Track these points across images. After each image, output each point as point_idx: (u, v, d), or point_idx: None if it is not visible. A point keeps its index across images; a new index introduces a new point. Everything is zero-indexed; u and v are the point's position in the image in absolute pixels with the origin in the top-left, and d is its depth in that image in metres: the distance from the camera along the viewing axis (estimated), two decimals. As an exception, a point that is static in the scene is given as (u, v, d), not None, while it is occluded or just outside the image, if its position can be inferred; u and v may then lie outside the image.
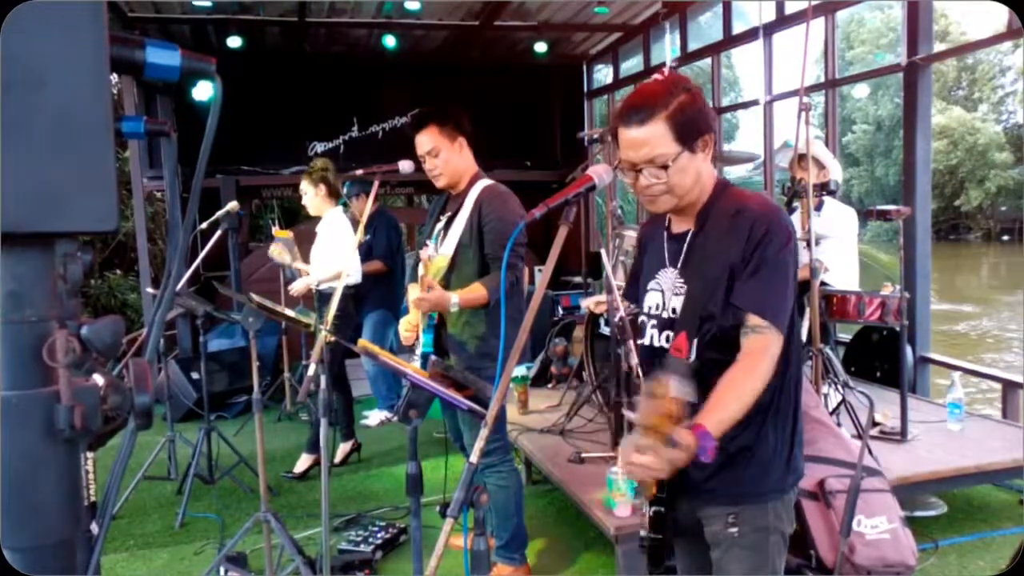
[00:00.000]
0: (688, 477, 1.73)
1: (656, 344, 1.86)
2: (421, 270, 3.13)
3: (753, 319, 1.68)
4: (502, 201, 3.11)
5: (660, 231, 1.92)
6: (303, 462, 4.87)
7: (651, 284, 1.90)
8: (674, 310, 1.82)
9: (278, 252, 5.19)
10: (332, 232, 4.84)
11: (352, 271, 4.78)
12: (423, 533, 2.22)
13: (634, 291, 2.01)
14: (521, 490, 3.30)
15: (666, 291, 1.86)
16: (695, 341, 1.73)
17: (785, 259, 1.71)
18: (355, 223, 4.96)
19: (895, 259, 4.16)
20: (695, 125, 1.71)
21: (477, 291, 3.02)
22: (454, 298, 3.00)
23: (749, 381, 1.66)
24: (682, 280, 1.82)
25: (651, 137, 1.70)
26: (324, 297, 4.82)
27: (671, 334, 1.80)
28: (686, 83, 1.76)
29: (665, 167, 1.70)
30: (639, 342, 1.94)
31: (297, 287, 4.97)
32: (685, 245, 1.83)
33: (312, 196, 4.85)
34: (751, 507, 1.80)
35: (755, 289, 1.69)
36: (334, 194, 4.90)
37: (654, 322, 1.88)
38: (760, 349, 1.68)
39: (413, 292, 3.02)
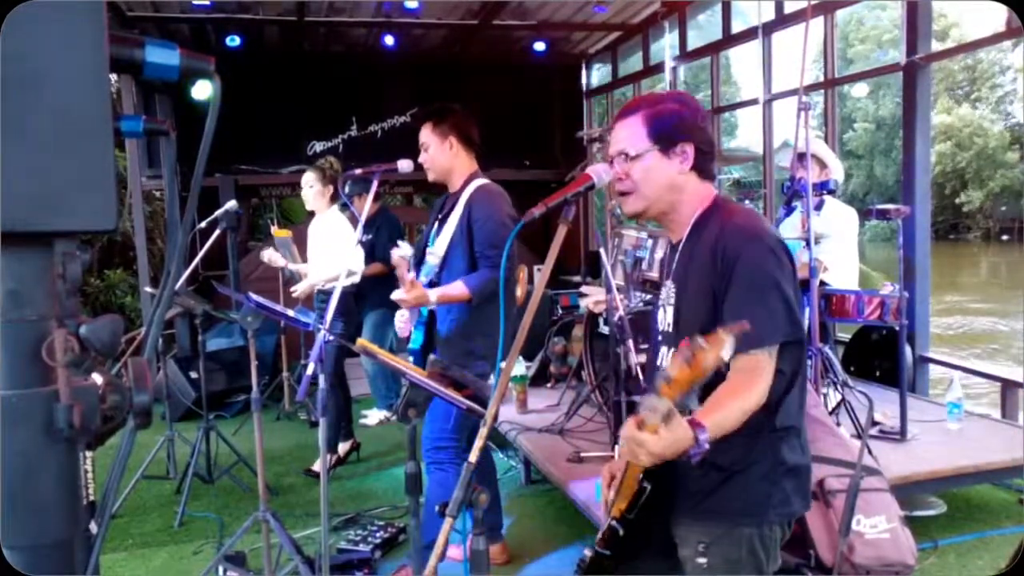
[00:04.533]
0: (669, 487, 1.67)
1: (663, 364, 1.79)
2: (399, 271, 3.20)
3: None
4: (490, 201, 3.18)
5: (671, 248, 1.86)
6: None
7: (659, 302, 1.85)
8: (670, 324, 1.78)
9: (269, 256, 5.17)
10: (332, 232, 4.85)
11: (356, 268, 4.79)
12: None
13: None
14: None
15: (665, 305, 1.82)
16: None
17: (762, 272, 1.63)
18: (355, 223, 4.96)
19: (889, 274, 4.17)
20: (673, 130, 1.71)
21: (458, 289, 3.07)
22: (433, 295, 3.06)
23: (749, 394, 1.58)
24: (674, 290, 1.79)
25: (627, 129, 1.74)
26: (328, 296, 4.81)
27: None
28: (682, 96, 1.79)
29: (632, 159, 1.71)
30: (657, 364, 1.84)
31: (300, 289, 4.96)
32: (677, 255, 1.80)
33: (317, 192, 4.87)
34: (723, 534, 1.70)
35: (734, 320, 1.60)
36: (336, 196, 4.93)
37: (660, 338, 1.83)
38: (753, 369, 1.59)
39: (397, 292, 3.08)
